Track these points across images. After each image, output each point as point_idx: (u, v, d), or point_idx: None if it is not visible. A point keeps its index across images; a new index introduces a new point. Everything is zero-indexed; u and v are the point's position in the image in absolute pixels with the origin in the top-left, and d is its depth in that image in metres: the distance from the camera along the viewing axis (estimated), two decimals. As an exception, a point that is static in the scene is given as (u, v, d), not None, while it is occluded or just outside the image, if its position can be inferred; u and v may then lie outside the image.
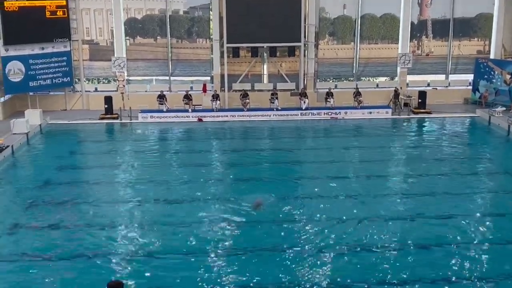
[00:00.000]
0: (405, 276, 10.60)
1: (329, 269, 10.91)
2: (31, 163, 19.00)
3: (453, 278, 10.51)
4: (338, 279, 10.48)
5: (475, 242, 12.09)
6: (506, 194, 15.31)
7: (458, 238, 12.20)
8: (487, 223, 13.19)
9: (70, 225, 13.20)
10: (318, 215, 13.47)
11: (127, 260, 11.31)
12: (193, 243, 12.05)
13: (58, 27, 24.61)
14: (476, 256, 11.41)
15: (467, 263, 11.06)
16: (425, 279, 10.48)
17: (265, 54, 26.45)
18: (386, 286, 10.33)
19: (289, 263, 11.15)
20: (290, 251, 11.62)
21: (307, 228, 12.80)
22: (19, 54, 23.80)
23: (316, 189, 15.50)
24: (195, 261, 11.24)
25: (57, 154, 19.25)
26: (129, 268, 11.00)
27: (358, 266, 11.03)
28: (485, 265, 11.04)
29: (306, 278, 10.56)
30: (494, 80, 25.58)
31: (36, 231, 12.83)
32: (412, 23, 26.97)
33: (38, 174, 17.25)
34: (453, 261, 11.12)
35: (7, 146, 18.97)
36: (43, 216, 13.72)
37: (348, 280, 10.44)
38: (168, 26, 26.37)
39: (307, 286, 10.28)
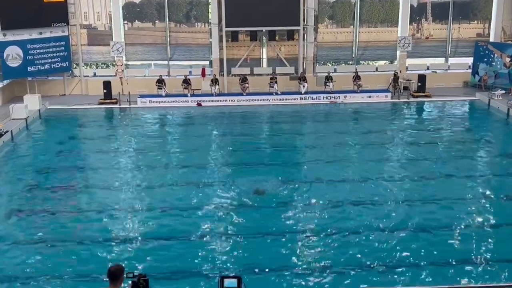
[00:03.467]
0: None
1: (326, 251, 11.02)
2: (31, 148, 19.00)
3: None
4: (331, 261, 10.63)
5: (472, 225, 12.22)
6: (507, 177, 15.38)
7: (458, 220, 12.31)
8: (486, 206, 13.27)
9: (69, 210, 13.25)
10: (316, 199, 13.54)
11: (129, 245, 11.38)
12: (193, 227, 12.11)
13: (56, 12, 24.38)
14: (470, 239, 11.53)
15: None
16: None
17: (264, 38, 26.33)
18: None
19: (290, 246, 11.26)
20: (290, 234, 11.70)
21: (307, 211, 12.88)
22: (17, 39, 23.65)
23: (314, 173, 15.55)
24: (194, 245, 11.32)
25: (57, 139, 19.28)
26: (131, 253, 11.07)
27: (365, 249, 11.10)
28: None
29: (306, 260, 10.71)
30: (493, 63, 25.50)
31: (35, 216, 12.86)
32: (411, 6, 26.78)
33: (38, 159, 17.29)
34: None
35: (7, 131, 18.98)
36: (42, 201, 13.76)
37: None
38: (167, 10, 26.18)
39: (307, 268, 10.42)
